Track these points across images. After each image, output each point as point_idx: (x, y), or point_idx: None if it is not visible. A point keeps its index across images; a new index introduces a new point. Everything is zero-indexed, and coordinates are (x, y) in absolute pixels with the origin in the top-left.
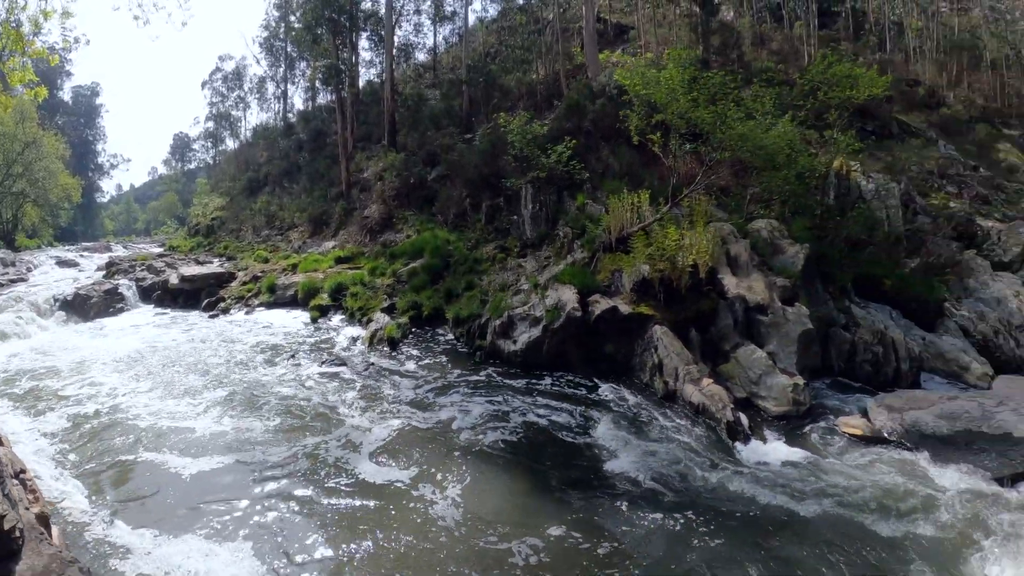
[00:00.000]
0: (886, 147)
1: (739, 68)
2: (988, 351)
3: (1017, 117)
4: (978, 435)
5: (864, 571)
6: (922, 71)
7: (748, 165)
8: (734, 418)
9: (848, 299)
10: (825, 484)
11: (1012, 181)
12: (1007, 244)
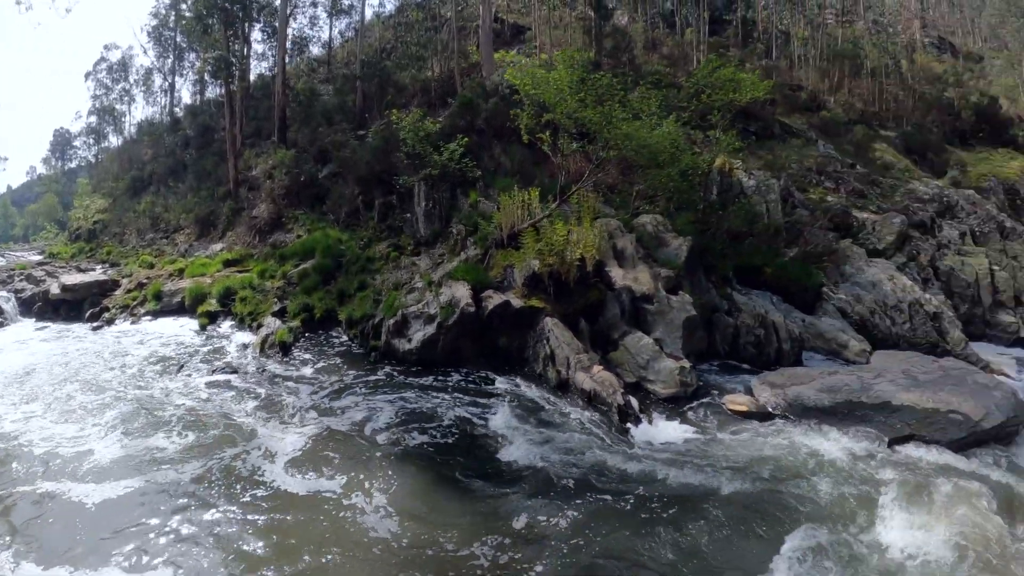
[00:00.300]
0: (768, 147)
1: (630, 71)
2: (865, 329)
3: (894, 120)
4: (858, 405)
5: (759, 537)
6: (805, 77)
7: (634, 163)
8: (624, 402)
9: (730, 287)
10: (714, 458)
11: (887, 177)
12: (881, 233)
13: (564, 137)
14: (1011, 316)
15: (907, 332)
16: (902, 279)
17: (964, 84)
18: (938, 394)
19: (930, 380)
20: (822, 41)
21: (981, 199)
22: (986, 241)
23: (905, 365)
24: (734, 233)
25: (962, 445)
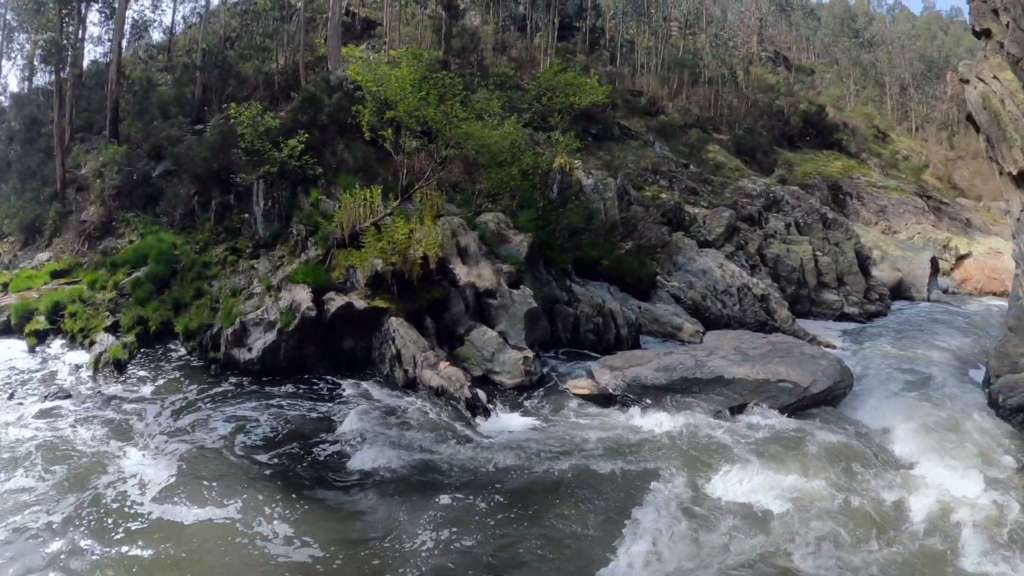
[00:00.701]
0: (608, 147)
1: (477, 71)
2: (698, 313)
3: (727, 124)
4: (693, 381)
5: (609, 512)
6: (647, 84)
7: (477, 162)
8: (472, 395)
9: (570, 279)
10: (560, 441)
11: (718, 176)
12: (711, 226)
13: (407, 135)
14: (835, 295)
15: (737, 313)
16: (731, 266)
17: (795, 94)
18: (768, 366)
19: (760, 354)
20: (665, 51)
21: (805, 194)
22: (810, 231)
23: (736, 342)
24: (573, 229)
25: (794, 409)
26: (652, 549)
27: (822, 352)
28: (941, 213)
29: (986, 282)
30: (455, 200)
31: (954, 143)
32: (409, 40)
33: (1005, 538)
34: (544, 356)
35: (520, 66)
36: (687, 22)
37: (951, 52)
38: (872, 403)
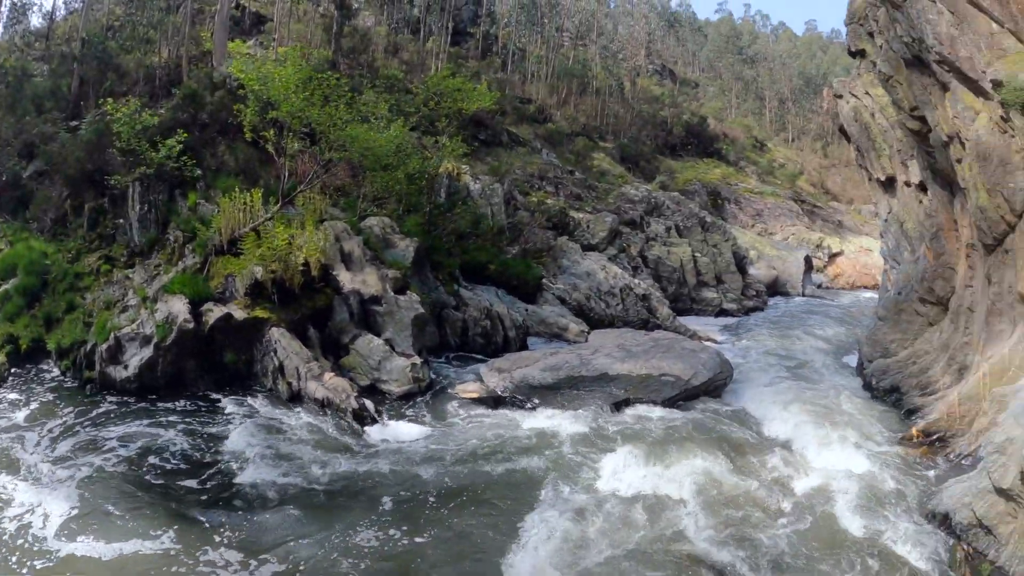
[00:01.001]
0: (496, 153)
1: (367, 73)
2: (583, 313)
3: (613, 133)
4: (579, 379)
5: (504, 512)
6: (536, 92)
7: (363, 166)
8: (359, 405)
9: (457, 284)
10: (452, 447)
11: (602, 182)
12: (595, 230)
13: (290, 136)
14: (714, 292)
15: (621, 312)
16: (614, 268)
17: (679, 105)
18: (651, 361)
19: (643, 351)
20: (556, 60)
21: (685, 199)
22: (689, 233)
23: (619, 340)
24: (460, 233)
25: (677, 401)
26: (548, 546)
27: (702, 346)
28: (815, 216)
29: (857, 277)
30: (339, 204)
31: (828, 152)
32: (299, 38)
33: (883, 504)
34: (433, 362)
35: (411, 69)
36: (579, 33)
37: (829, 70)
38: (752, 391)
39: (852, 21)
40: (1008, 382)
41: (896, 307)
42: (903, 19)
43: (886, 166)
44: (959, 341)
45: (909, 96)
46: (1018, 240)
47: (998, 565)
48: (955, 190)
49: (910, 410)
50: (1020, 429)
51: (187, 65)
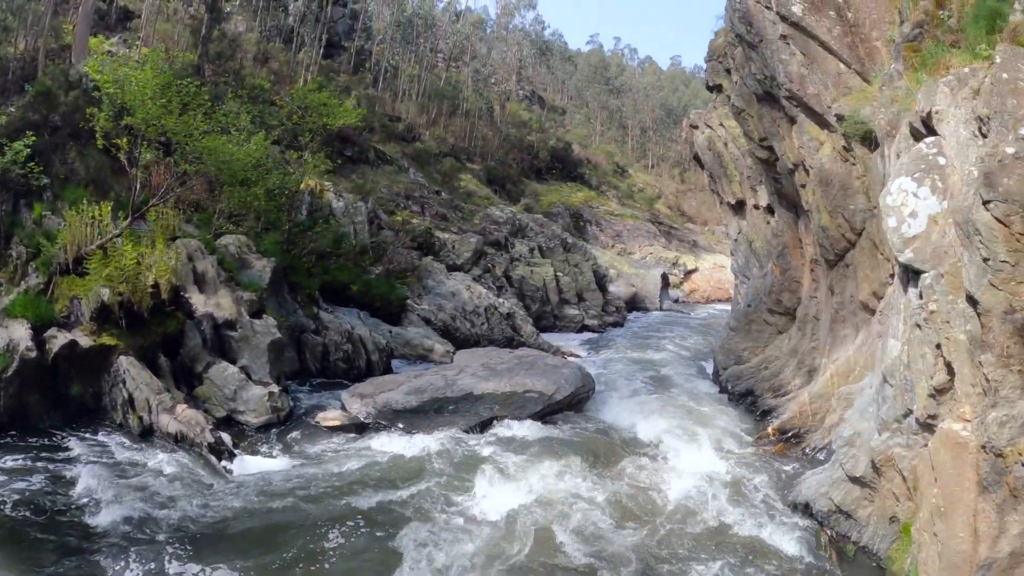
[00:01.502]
0: (362, 171)
1: (233, 81)
2: (449, 333)
3: (480, 155)
4: (444, 400)
5: (374, 543)
6: (406, 110)
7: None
8: (215, 439)
9: (317, 306)
10: (314, 479)
11: (468, 203)
12: (460, 250)
13: (144, 145)
14: (576, 310)
15: (485, 331)
16: (478, 288)
17: (546, 131)
18: (514, 379)
19: (507, 368)
20: (428, 80)
21: (548, 221)
22: (552, 254)
23: (484, 359)
24: (321, 253)
25: (541, 416)
26: (420, 573)
27: (565, 361)
28: (671, 236)
29: (712, 291)
30: (194, 220)
31: (684, 178)
32: (165, 38)
33: (748, 499)
34: (293, 389)
35: (280, 80)
36: (452, 55)
37: (689, 102)
38: (615, 402)
39: (712, 58)
40: (854, 381)
41: (747, 318)
42: (758, 58)
43: (736, 191)
44: (807, 346)
45: (759, 128)
46: (858, 255)
47: (861, 545)
48: (799, 212)
49: (765, 411)
50: (865, 423)
51: (44, 59)
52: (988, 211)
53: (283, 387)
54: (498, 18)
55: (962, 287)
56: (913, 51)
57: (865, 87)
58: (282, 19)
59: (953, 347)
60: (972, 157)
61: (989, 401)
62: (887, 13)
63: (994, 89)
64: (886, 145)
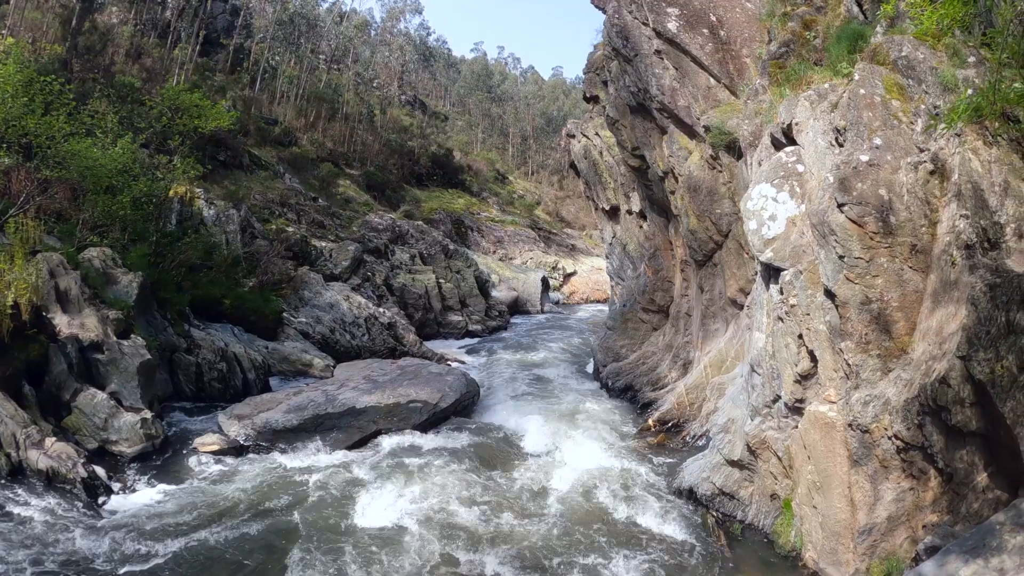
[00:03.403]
0: (235, 176)
1: (102, 78)
2: (329, 346)
3: (359, 161)
4: (326, 417)
5: (255, 571)
6: (284, 113)
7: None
8: (88, 473)
9: (188, 322)
10: (194, 507)
11: (347, 210)
12: (338, 259)
13: (2, 149)
14: (459, 316)
15: (367, 343)
16: (358, 298)
17: (427, 137)
18: (398, 390)
19: (390, 379)
20: (308, 82)
21: (430, 228)
22: (433, 261)
23: (366, 372)
24: (191, 265)
25: (428, 426)
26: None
27: (448, 369)
28: (551, 241)
29: (590, 293)
30: (55, 232)
31: (563, 185)
32: (33, 28)
33: (635, 489)
34: (167, 414)
35: (152, 77)
36: (334, 57)
37: (569, 112)
38: (500, 405)
39: (590, 71)
40: (726, 371)
41: (623, 317)
42: (633, 72)
43: (611, 197)
44: (681, 341)
45: (632, 138)
46: (725, 255)
47: (747, 523)
48: (670, 217)
49: (645, 404)
50: (738, 410)
51: None
52: (843, 213)
53: (156, 412)
54: (383, 22)
55: (819, 282)
56: (778, 67)
57: (733, 100)
58: (158, 12)
59: (814, 337)
60: (829, 164)
61: (852, 384)
62: (757, 32)
63: (851, 103)
64: (749, 154)
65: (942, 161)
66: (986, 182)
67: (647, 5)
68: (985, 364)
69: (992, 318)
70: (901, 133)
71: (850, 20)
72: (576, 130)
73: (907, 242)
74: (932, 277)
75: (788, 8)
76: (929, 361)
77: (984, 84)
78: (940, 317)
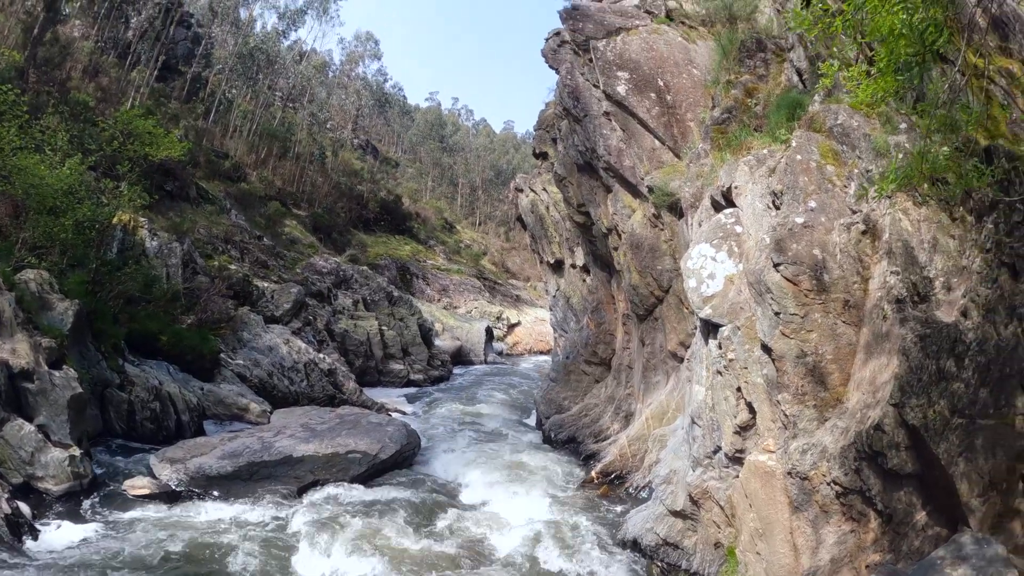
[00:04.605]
0: (180, 208)
1: (57, 92)
2: (266, 391)
3: (307, 201)
4: (261, 464)
5: None
6: (235, 147)
7: (27, 205)
8: (12, 510)
9: (123, 357)
10: (121, 554)
11: (292, 251)
12: (279, 301)
13: None
14: (400, 364)
15: (305, 389)
16: (298, 342)
17: (377, 182)
18: (336, 439)
19: (328, 428)
20: (262, 118)
21: (374, 273)
22: (377, 307)
23: (304, 419)
24: (130, 297)
25: (367, 478)
26: None
27: (389, 419)
28: (496, 291)
29: (534, 343)
30: None
31: (510, 236)
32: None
33: (579, 542)
34: (98, 451)
35: (107, 98)
36: (291, 95)
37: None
38: (441, 457)
39: (540, 127)
40: (667, 423)
41: (566, 369)
42: (581, 131)
43: (556, 251)
44: (623, 393)
45: (578, 195)
46: (665, 310)
47: (692, 572)
48: (613, 271)
49: (588, 456)
50: (680, 461)
51: None
52: (779, 272)
53: (86, 450)
54: (342, 64)
55: (757, 337)
56: (720, 133)
57: (676, 162)
58: (121, 31)
59: (752, 389)
60: (766, 226)
61: (790, 433)
62: (702, 98)
63: (788, 168)
64: (690, 215)
65: (873, 221)
66: (916, 240)
67: (599, 68)
68: (918, 410)
69: (923, 366)
70: (835, 196)
71: (790, 89)
72: (524, 185)
73: (840, 298)
74: (865, 330)
75: (732, 76)
76: (864, 409)
77: (914, 149)
78: (873, 368)
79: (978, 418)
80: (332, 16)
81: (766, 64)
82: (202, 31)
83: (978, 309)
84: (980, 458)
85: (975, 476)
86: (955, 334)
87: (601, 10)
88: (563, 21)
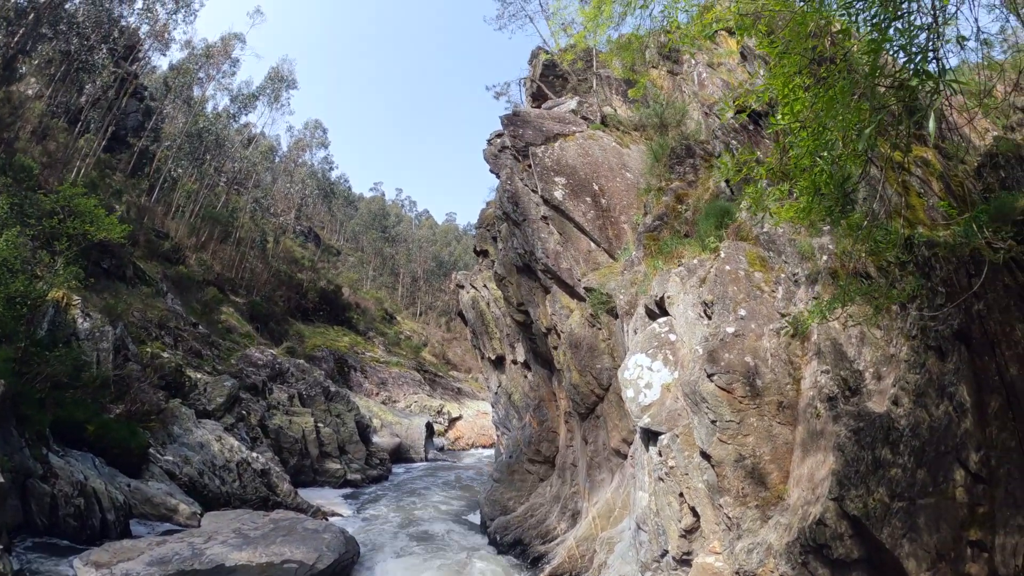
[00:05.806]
0: (116, 288)
1: (3, 152)
2: (196, 491)
3: (246, 288)
4: (192, 574)
5: None
6: (176, 228)
7: None
8: None
9: (46, 446)
10: None
11: (227, 340)
12: (212, 395)
13: None
14: (337, 463)
15: (238, 490)
16: (230, 440)
17: (318, 271)
18: (271, 547)
19: (262, 535)
20: (205, 199)
21: (311, 367)
22: (313, 403)
23: (237, 524)
24: (58, 382)
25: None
26: None
27: (325, 525)
28: (436, 384)
29: (476, 437)
30: None
31: (451, 327)
32: None
33: None
34: (18, 548)
35: (53, 164)
36: (236, 178)
37: (460, 257)
38: (381, 565)
39: (481, 226)
40: (614, 522)
41: (509, 469)
42: (520, 235)
43: (497, 347)
44: (568, 492)
45: (518, 294)
46: (606, 408)
47: None
48: (553, 369)
49: (535, 558)
50: (628, 566)
51: None
52: (713, 382)
53: (5, 545)
54: (289, 150)
55: (695, 444)
56: (653, 240)
57: (611, 263)
58: (74, 97)
59: (694, 494)
60: (699, 336)
61: (734, 534)
62: (635, 200)
63: (718, 278)
64: (625, 321)
65: (802, 324)
66: (843, 336)
67: (538, 174)
68: (858, 500)
69: (859, 458)
70: (764, 302)
71: (718, 195)
72: (465, 281)
73: (774, 400)
74: (800, 428)
75: (664, 183)
76: (805, 506)
77: (837, 249)
78: (811, 464)
79: (918, 498)
80: (283, 104)
81: (695, 170)
82: (154, 105)
83: (908, 396)
84: (924, 535)
85: (921, 552)
86: (888, 423)
87: (540, 116)
88: (504, 127)
